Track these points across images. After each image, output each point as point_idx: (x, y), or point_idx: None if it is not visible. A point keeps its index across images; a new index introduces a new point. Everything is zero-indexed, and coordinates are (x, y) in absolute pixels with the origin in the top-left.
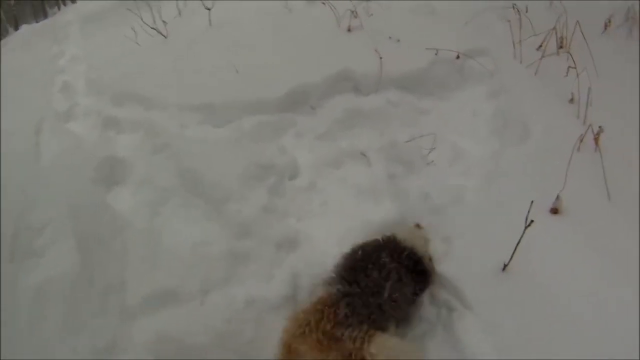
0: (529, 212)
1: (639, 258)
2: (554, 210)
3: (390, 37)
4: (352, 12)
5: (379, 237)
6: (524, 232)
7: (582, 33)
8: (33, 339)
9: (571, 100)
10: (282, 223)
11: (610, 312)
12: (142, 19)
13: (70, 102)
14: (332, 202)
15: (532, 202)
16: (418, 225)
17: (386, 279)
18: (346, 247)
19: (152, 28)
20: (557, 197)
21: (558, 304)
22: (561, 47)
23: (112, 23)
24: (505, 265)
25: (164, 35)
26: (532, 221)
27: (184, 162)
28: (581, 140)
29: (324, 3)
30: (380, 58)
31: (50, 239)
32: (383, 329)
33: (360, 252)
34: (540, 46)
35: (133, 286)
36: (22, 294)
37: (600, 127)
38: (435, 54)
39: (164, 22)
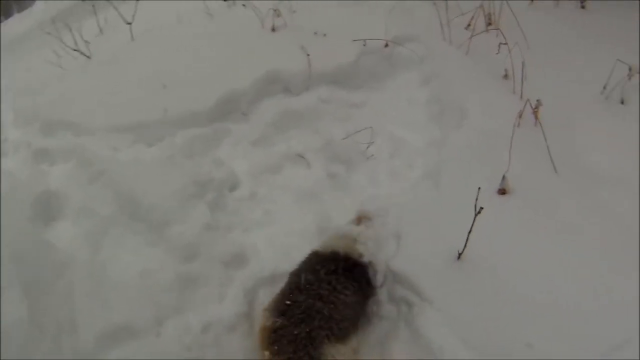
0: (477, 199)
1: (588, 229)
2: (502, 191)
3: (316, 33)
4: (275, 10)
5: (310, 254)
6: (474, 220)
7: (509, 8)
8: None
9: (505, 77)
10: (227, 238)
11: (563, 289)
12: (62, 41)
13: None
14: (276, 209)
15: (479, 188)
16: (361, 218)
17: (315, 298)
18: (293, 255)
19: (74, 50)
20: (504, 178)
21: (515, 288)
22: (490, 24)
23: (35, 47)
24: (459, 254)
25: (87, 56)
26: (481, 208)
27: (120, 188)
28: (520, 116)
29: (244, 5)
30: (308, 55)
31: None
32: (342, 341)
33: (290, 279)
34: (469, 25)
35: (84, 326)
36: None
37: (538, 100)
38: (364, 45)
39: (85, 42)
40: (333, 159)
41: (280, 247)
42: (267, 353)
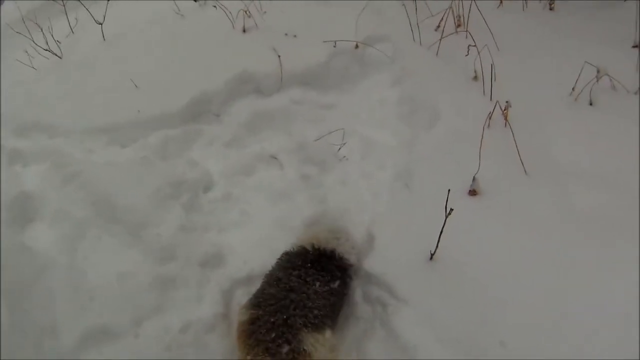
0: (447, 200)
1: (558, 227)
2: (473, 193)
3: (286, 34)
4: (246, 12)
5: (281, 256)
6: (445, 221)
7: (478, 9)
8: None
9: (475, 78)
10: (203, 239)
11: (534, 287)
12: (33, 41)
13: None
14: (250, 209)
15: (449, 190)
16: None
17: (287, 290)
18: (268, 255)
19: (45, 50)
20: (474, 179)
21: (487, 287)
22: (459, 25)
23: (4, 48)
24: (432, 255)
25: (58, 56)
26: (451, 209)
27: (96, 189)
28: (490, 118)
29: (215, 6)
30: (279, 56)
31: None
32: (319, 330)
33: (267, 275)
34: (439, 27)
35: (65, 329)
36: None
37: (507, 102)
38: (334, 46)
39: (57, 42)
40: (306, 161)
41: (256, 247)
42: (243, 347)
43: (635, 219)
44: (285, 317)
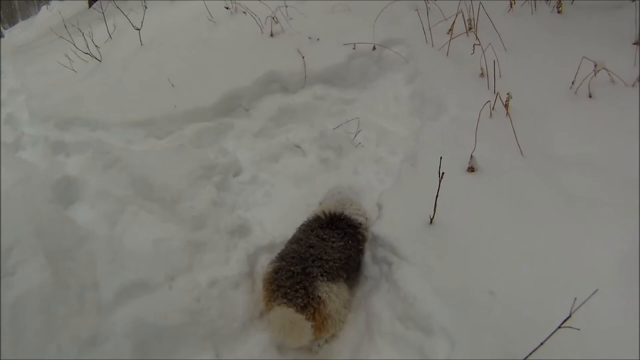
0: (439, 166)
1: (547, 204)
2: (471, 169)
3: (310, 37)
4: (273, 18)
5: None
6: (439, 185)
7: (486, 14)
8: (16, 351)
9: (481, 75)
10: (232, 214)
11: (521, 249)
12: (75, 45)
13: (17, 132)
14: (275, 191)
15: (440, 157)
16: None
17: (307, 246)
18: (289, 227)
19: (85, 53)
20: (471, 157)
21: (479, 246)
22: (470, 28)
23: (43, 53)
24: (431, 219)
25: (98, 60)
26: (443, 173)
27: (135, 172)
28: (492, 108)
29: (245, 12)
30: (303, 57)
31: (19, 258)
32: (334, 281)
33: (292, 236)
34: (450, 30)
35: (105, 284)
36: (3, 310)
37: (508, 93)
38: (353, 48)
39: (96, 46)
40: (325, 147)
41: (279, 221)
42: (266, 293)
43: (621, 202)
44: (303, 267)
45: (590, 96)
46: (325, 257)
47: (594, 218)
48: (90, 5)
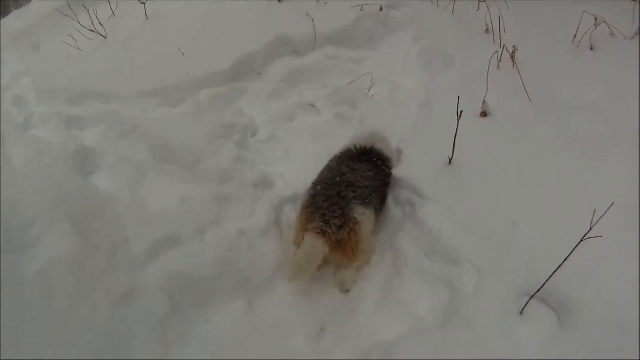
0: (457, 106)
1: (556, 143)
2: (484, 114)
3: (318, 1)
4: None
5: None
6: (457, 124)
7: None
8: (47, 312)
9: (487, 31)
10: (254, 170)
11: (536, 184)
12: (79, 23)
13: (26, 112)
14: (293, 147)
15: (458, 97)
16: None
17: (337, 174)
18: (311, 179)
19: (91, 31)
20: (484, 102)
21: (497, 182)
22: None
23: (45, 36)
24: (450, 159)
25: (104, 37)
26: (462, 112)
27: (153, 138)
28: (499, 60)
29: None
30: (312, 20)
31: (42, 229)
32: (366, 205)
33: (324, 167)
34: None
35: (136, 241)
36: (28, 280)
37: (514, 46)
38: (361, 10)
39: (100, 24)
40: (339, 102)
41: (300, 174)
42: (304, 214)
43: (623, 138)
44: (338, 191)
45: (591, 48)
46: (357, 184)
47: (600, 152)
48: None
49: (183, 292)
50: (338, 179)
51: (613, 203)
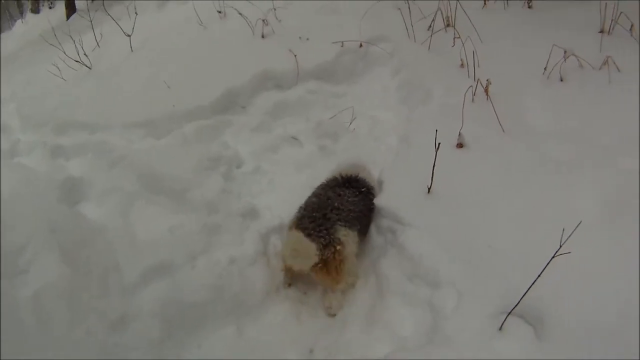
0: (435, 138)
1: (530, 168)
2: (460, 145)
3: (300, 37)
4: (264, 20)
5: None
6: (436, 154)
7: (463, 10)
8: (44, 339)
9: (462, 65)
10: (240, 201)
11: (511, 208)
12: (65, 53)
13: (12, 139)
14: (277, 179)
15: (436, 130)
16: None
17: (323, 199)
18: (296, 209)
19: (76, 61)
20: (460, 134)
21: (474, 209)
22: (448, 24)
23: (28, 63)
24: (429, 189)
25: (88, 67)
26: (439, 143)
27: (141, 168)
28: (474, 93)
29: (240, 14)
30: (295, 56)
31: (32, 255)
32: (350, 228)
33: (311, 194)
34: (430, 27)
35: (127, 268)
36: (21, 306)
37: (487, 80)
38: (341, 46)
39: (85, 54)
40: (322, 136)
41: (285, 204)
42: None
43: (594, 162)
44: (324, 213)
45: (561, 80)
46: (342, 207)
47: (569, 175)
48: (68, 17)
49: (175, 318)
50: (324, 202)
51: (581, 221)
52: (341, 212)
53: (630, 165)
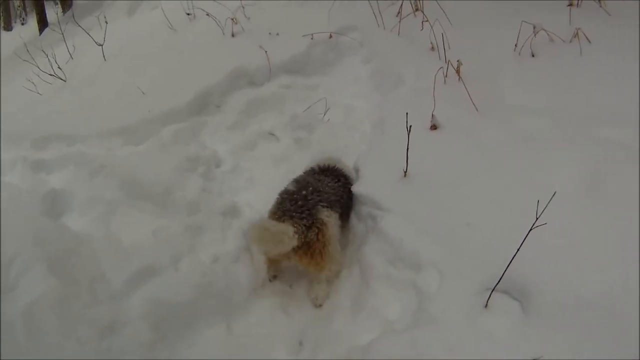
0: (407, 121)
1: (503, 145)
2: (433, 127)
3: (270, 33)
4: (233, 19)
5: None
6: (408, 138)
7: None
8: (36, 350)
9: (432, 49)
10: (221, 199)
11: (488, 185)
12: (38, 67)
13: None
14: (256, 175)
15: (407, 113)
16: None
17: (303, 183)
18: None
19: (50, 75)
20: (432, 116)
21: (450, 190)
22: (416, 9)
23: (3, 80)
24: (404, 172)
25: (63, 80)
26: (411, 126)
27: (122, 175)
28: (445, 75)
29: (207, 15)
30: (266, 52)
31: (21, 269)
32: (332, 209)
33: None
34: (399, 12)
35: (114, 274)
36: (12, 321)
37: (458, 60)
38: (311, 39)
39: (59, 67)
40: (297, 128)
41: (265, 200)
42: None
43: (568, 136)
44: (305, 195)
45: (532, 55)
46: (323, 191)
47: (548, 150)
48: (40, 32)
49: (165, 319)
50: (304, 187)
51: (555, 192)
52: (322, 194)
53: (605, 135)
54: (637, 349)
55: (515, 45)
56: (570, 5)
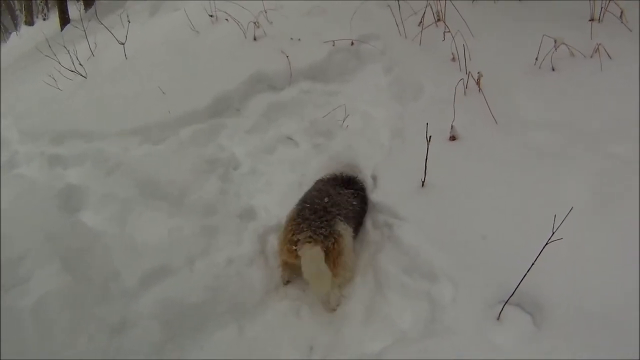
0: (427, 131)
1: (520, 159)
2: (452, 138)
3: (291, 38)
4: (255, 23)
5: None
6: (428, 148)
7: (453, 5)
8: (46, 347)
9: (453, 59)
10: (238, 201)
11: (503, 199)
12: (60, 63)
13: (10, 151)
14: (274, 179)
15: (427, 124)
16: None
17: (324, 194)
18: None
19: (71, 71)
20: (452, 127)
21: (468, 201)
22: (438, 19)
23: (23, 76)
24: (422, 182)
25: (83, 76)
26: (430, 136)
27: (138, 174)
28: (466, 86)
29: (227, 19)
30: (287, 57)
31: (34, 263)
32: (347, 224)
33: (309, 190)
34: (420, 22)
35: (127, 272)
36: (22, 315)
37: (479, 72)
38: (333, 45)
39: (80, 64)
40: (316, 134)
41: (281, 204)
42: (291, 225)
43: (583, 152)
44: (324, 206)
45: (553, 69)
46: (341, 205)
47: (563, 165)
48: (62, 28)
49: (176, 320)
50: (325, 198)
51: (572, 207)
52: (341, 209)
53: (620, 151)
54: None
55: (536, 58)
56: (592, 20)
